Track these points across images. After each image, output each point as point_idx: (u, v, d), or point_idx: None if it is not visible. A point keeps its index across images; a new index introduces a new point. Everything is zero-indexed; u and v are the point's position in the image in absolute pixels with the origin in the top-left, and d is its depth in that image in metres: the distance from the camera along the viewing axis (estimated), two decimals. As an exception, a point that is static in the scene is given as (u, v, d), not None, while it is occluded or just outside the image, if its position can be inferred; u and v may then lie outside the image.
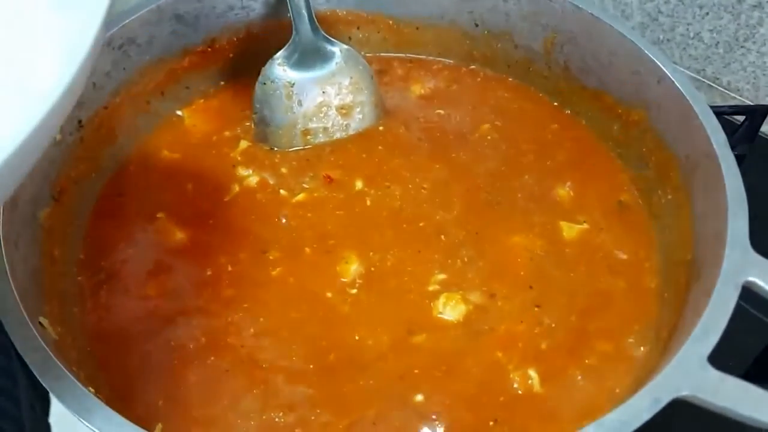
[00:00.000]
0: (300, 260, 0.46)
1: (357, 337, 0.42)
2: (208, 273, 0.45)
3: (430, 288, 0.45)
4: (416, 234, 0.48)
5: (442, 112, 0.56)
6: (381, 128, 0.55)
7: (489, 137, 0.54)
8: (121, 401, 0.39)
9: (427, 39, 0.59)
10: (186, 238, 0.47)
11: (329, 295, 0.44)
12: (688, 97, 0.45)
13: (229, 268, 0.46)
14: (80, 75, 0.26)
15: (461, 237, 0.47)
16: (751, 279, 0.36)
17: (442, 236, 0.47)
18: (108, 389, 0.39)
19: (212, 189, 0.51)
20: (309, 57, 0.53)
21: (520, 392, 0.40)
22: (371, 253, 0.46)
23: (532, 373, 0.41)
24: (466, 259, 0.46)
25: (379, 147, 0.53)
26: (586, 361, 0.42)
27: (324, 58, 0.54)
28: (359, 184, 0.50)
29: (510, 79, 0.58)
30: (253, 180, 0.51)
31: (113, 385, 0.40)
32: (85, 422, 0.32)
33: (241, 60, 0.57)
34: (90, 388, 0.34)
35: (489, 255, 0.46)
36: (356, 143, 0.54)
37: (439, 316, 0.43)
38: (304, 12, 0.52)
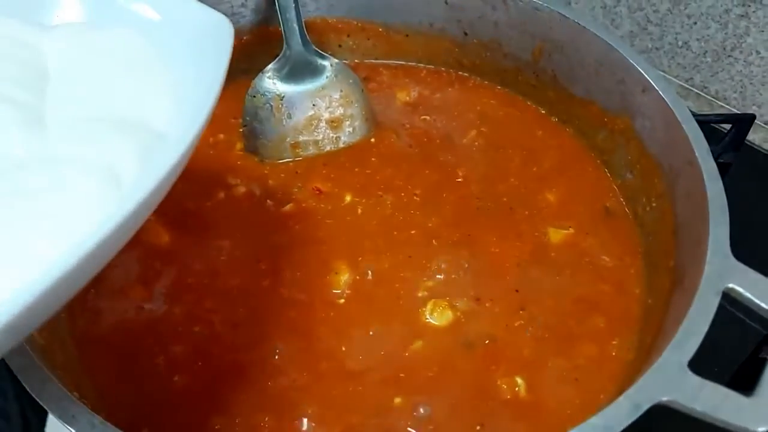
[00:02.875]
0: (290, 270, 0.46)
1: (344, 349, 0.42)
2: (196, 281, 0.45)
3: (419, 294, 0.45)
4: (407, 241, 0.48)
5: (429, 118, 0.56)
6: (373, 140, 0.55)
7: (476, 143, 0.54)
8: (107, 406, 0.39)
9: (417, 47, 0.59)
10: (173, 242, 0.47)
11: (320, 305, 0.44)
12: (671, 106, 0.45)
13: (219, 276, 0.46)
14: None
15: (451, 243, 0.48)
16: (731, 286, 0.37)
17: (434, 241, 0.48)
18: (94, 394, 0.39)
19: (202, 192, 0.51)
20: (299, 70, 0.53)
21: (506, 398, 0.40)
22: (360, 260, 0.46)
23: (519, 380, 0.41)
24: (454, 265, 0.46)
25: (372, 158, 0.53)
26: (572, 365, 0.42)
27: (314, 71, 0.54)
28: (349, 196, 0.50)
29: (498, 87, 0.59)
30: (240, 189, 0.51)
31: (99, 390, 0.40)
32: (68, 427, 0.32)
33: (232, 66, 0.57)
34: (75, 393, 0.34)
35: (477, 260, 0.47)
36: (348, 155, 0.54)
37: (427, 322, 0.44)
38: (296, 26, 0.53)
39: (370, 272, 0.46)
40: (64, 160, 0.27)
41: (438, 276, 0.46)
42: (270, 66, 0.53)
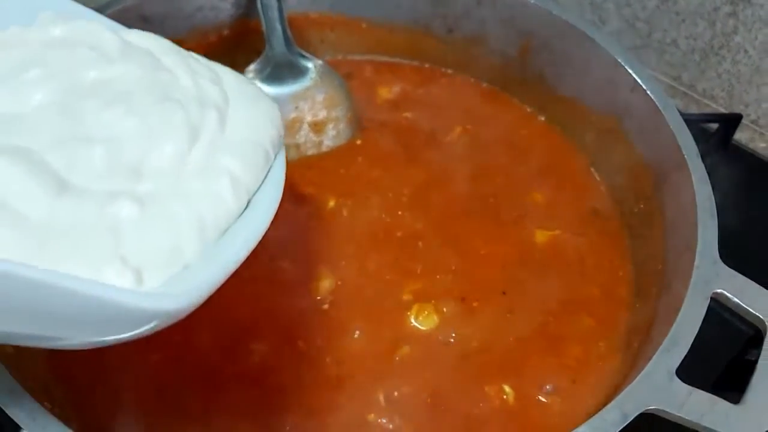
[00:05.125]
0: (271, 276, 0.45)
1: (327, 359, 0.41)
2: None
3: (405, 298, 0.44)
4: (393, 243, 0.47)
5: (413, 115, 0.55)
6: (359, 141, 0.53)
7: (461, 141, 0.53)
8: (79, 415, 0.38)
9: (401, 43, 0.58)
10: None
11: (303, 311, 0.43)
12: (660, 107, 0.45)
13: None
14: None
15: (437, 244, 0.47)
16: (719, 291, 0.37)
17: (420, 243, 0.47)
18: (66, 403, 0.38)
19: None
20: (282, 71, 0.52)
21: (494, 405, 0.40)
22: (344, 264, 0.45)
23: (506, 387, 0.40)
24: (441, 267, 0.45)
25: (358, 159, 0.52)
26: (559, 371, 0.41)
27: (298, 72, 0.52)
28: (333, 201, 0.49)
29: (484, 85, 0.58)
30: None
31: (71, 400, 0.39)
32: (37, 438, 0.31)
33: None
34: (46, 404, 0.33)
35: (464, 262, 0.46)
36: (332, 156, 0.52)
37: (413, 327, 0.43)
38: (278, 25, 0.51)
39: (354, 277, 0.45)
40: (221, 170, 0.30)
41: (424, 279, 0.45)
42: (251, 66, 0.51)
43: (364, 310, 0.43)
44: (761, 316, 0.37)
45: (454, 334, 0.42)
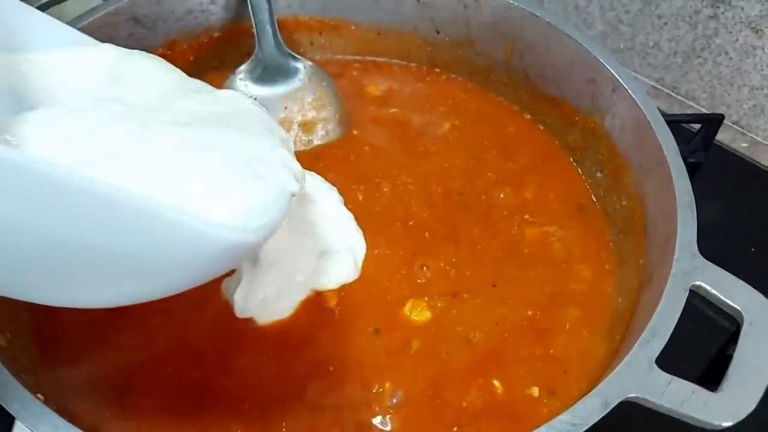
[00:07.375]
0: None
1: (323, 354, 0.41)
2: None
3: (405, 292, 0.44)
4: (407, 233, 0.47)
5: (402, 112, 0.56)
6: (355, 132, 0.54)
7: (451, 137, 0.54)
8: (70, 409, 0.38)
9: (389, 45, 0.59)
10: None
11: (309, 310, 0.43)
12: (641, 106, 0.46)
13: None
14: None
15: (440, 236, 0.47)
16: (698, 283, 0.37)
17: (427, 234, 0.47)
18: (58, 397, 0.38)
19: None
20: (272, 72, 0.53)
21: (483, 397, 0.40)
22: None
23: (495, 382, 0.41)
24: (441, 259, 0.46)
25: (350, 155, 0.52)
26: (547, 363, 0.42)
27: (287, 73, 0.53)
28: (347, 186, 0.49)
29: (471, 84, 0.59)
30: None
31: (63, 393, 0.39)
32: (32, 430, 0.31)
33: (202, 63, 0.56)
34: (39, 395, 0.33)
35: (461, 255, 0.47)
36: (324, 152, 0.53)
37: (409, 321, 0.43)
38: (268, 27, 0.52)
39: (371, 268, 0.45)
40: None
41: (424, 271, 0.45)
42: (242, 67, 0.52)
43: (368, 307, 0.44)
44: (738, 308, 0.37)
45: (446, 329, 0.43)
